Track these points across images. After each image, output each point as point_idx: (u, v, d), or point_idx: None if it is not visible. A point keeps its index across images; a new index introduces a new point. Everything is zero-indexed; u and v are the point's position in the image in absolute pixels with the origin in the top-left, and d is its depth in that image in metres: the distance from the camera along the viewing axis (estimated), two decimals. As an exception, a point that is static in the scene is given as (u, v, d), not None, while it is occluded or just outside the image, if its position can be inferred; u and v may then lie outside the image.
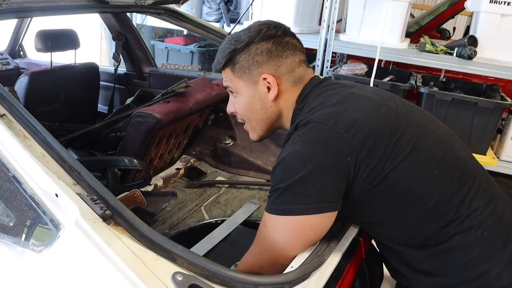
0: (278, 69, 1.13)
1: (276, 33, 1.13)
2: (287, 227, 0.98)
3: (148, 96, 2.40)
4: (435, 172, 1.01)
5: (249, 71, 1.13)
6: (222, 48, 1.17)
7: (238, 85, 1.16)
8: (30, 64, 3.13)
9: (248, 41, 1.12)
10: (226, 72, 1.17)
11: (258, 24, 1.15)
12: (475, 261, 1.00)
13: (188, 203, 1.91)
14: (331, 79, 1.19)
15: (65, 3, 1.72)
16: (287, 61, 1.13)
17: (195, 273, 0.86)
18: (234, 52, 1.13)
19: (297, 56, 1.15)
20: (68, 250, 0.90)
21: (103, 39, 5.16)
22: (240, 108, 1.19)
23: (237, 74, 1.14)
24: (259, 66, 1.12)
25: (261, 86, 1.13)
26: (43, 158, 0.98)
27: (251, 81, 1.14)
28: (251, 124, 1.20)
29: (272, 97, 1.13)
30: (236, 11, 4.11)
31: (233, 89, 1.18)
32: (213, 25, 2.37)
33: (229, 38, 1.17)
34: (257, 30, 1.13)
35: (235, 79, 1.15)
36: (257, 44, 1.12)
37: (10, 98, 1.07)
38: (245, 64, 1.12)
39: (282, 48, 1.13)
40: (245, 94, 1.16)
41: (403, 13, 3.13)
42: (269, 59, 1.12)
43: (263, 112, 1.16)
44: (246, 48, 1.12)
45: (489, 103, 2.84)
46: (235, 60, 1.13)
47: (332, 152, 0.96)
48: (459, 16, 6.11)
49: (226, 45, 1.16)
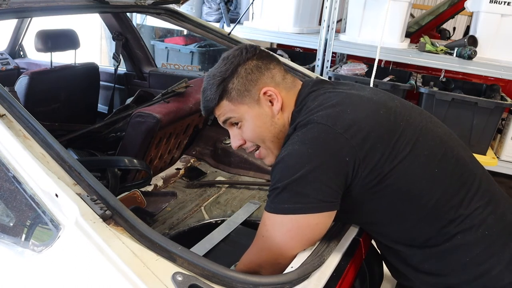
0: (273, 80, 1.13)
1: (254, 51, 1.14)
2: (285, 226, 0.98)
3: (148, 96, 2.40)
4: (435, 172, 1.01)
5: (248, 92, 1.11)
6: (207, 87, 1.15)
7: (241, 111, 1.13)
8: (30, 64, 3.13)
9: (233, 67, 1.12)
10: (222, 106, 1.14)
11: (232, 51, 1.15)
12: (476, 260, 1.00)
13: (188, 203, 1.91)
14: (327, 81, 1.20)
15: (65, 3, 1.72)
16: (276, 71, 1.15)
17: (195, 273, 0.86)
18: (224, 82, 1.12)
19: (281, 65, 1.18)
20: (68, 250, 0.90)
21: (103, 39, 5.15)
22: (249, 133, 1.15)
23: (237, 101, 1.12)
24: (255, 83, 1.12)
25: (263, 102, 1.12)
26: (43, 158, 0.98)
27: (252, 101, 1.12)
28: (266, 145, 1.16)
29: (278, 108, 1.12)
30: (236, 11, 4.10)
31: (237, 118, 1.14)
32: (213, 25, 2.37)
33: (209, 75, 1.15)
34: (235, 55, 1.13)
35: (236, 107, 1.13)
36: (243, 65, 1.12)
37: (10, 98, 1.07)
38: (241, 87, 1.11)
39: (267, 61, 1.15)
40: (251, 116, 1.13)
41: (403, 13, 3.14)
42: (261, 74, 1.12)
43: (273, 128, 1.14)
44: (235, 73, 1.11)
45: (489, 103, 2.84)
46: (228, 89, 1.12)
47: (331, 152, 0.96)
48: (459, 16, 6.11)
49: (211, 81, 1.14)
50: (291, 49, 4.19)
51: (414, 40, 3.72)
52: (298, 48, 4.19)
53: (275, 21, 3.58)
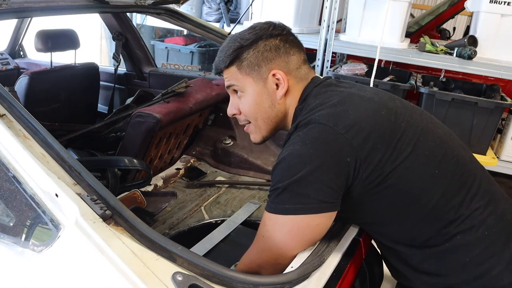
0: (287, 65, 1.13)
1: (282, 31, 1.14)
2: (286, 227, 0.98)
3: (148, 96, 2.40)
4: (435, 172, 1.01)
5: (258, 67, 1.12)
6: (224, 47, 1.16)
7: (246, 82, 1.13)
8: (30, 64, 3.13)
9: (255, 38, 1.12)
10: (230, 70, 1.15)
11: (262, 23, 1.15)
12: (476, 261, 1.00)
13: (188, 203, 1.91)
14: (331, 79, 1.19)
15: (65, 3, 1.72)
16: (294, 58, 1.14)
17: (195, 273, 0.86)
18: (240, 49, 1.12)
19: (302, 55, 1.17)
20: (68, 250, 0.90)
21: (103, 39, 5.16)
22: (246, 107, 1.16)
23: (245, 71, 1.12)
24: (268, 62, 1.11)
25: (270, 83, 1.12)
26: (43, 158, 0.98)
27: (260, 78, 1.12)
28: (257, 123, 1.18)
29: (282, 94, 1.12)
30: (236, 11, 4.11)
31: (239, 88, 1.15)
32: (213, 25, 2.37)
33: (232, 37, 1.16)
34: (263, 28, 1.13)
35: (242, 77, 1.13)
36: (265, 40, 1.12)
37: (10, 98, 1.07)
38: (254, 60, 1.11)
39: (289, 45, 1.14)
40: (253, 91, 1.13)
41: (403, 13, 3.13)
42: (278, 55, 1.12)
43: (271, 110, 1.14)
44: (254, 45, 1.12)
45: (489, 103, 2.84)
46: (242, 57, 1.12)
47: (332, 153, 0.96)
48: (459, 16, 6.11)
49: (230, 43, 1.14)
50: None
51: (414, 40, 3.72)
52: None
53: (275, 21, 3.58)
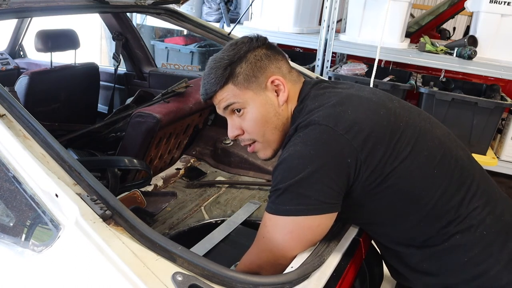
0: (280, 71, 1.13)
1: (264, 42, 1.15)
2: (286, 227, 0.98)
3: (148, 96, 2.40)
4: (434, 172, 1.01)
5: (255, 78, 1.10)
6: (210, 71, 1.11)
7: (246, 96, 1.10)
8: (30, 64, 3.13)
9: (241, 52, 1.10)
10: (226, 90, 1.10)
11: (241, 38, 1.15)
12: (475, 260, 1.00)
13: (188, 203, 1.91)
14: (326, 80, 1.20)
15: (65, 3, 1.72)
16: (283, 63, 1.15)
17: (195, 273, 0.86)
18: (231, 65, 1.09)
19: (286, 60, 1.18)
20: (68, 250, 0.90)
21: (103, 39, 5.15)
22: (251, 122, 1.11)
23: (243, 85, 1.09)
24: (264, 70, 1.11)
25: (270, 91, 1.11)
26: (43, 158, 0.98)
27: (259, 88, 1.10)
28: (265, 137, 1.13)
29: (284, 99, 1.11)
30: (236, 11, 4.10)
31: (240, 104, 1.10)
32: (213, 25, 2.37)
33: (214, 60, 1.12)
34: (244, 42, 1.13)
35: (241, 92, 1.10)
36: (253, 52, 1.11)
37: (10, 98, 1.07)
38: (249, 72, 1.09)
39: (275, 52, 1.15)
40: (256, 104, 1.10)
41: (403, 13, 3.14)
42: (270, 63, 1.12)
43: (277, 119, 1.12)
44: (244, 58, 1.10)
45: (489, 103, 2.84)
46: (235, 72, 1.09)
47: (333, 154, 0.96)
48: (459, 16, 6.11)
49: (216, 64, 1.11)
50: (291, 49, 4.19)
51: (414, 40, 3.73)
52: (298, 48, 4.19)
53: (275, 21, 3.58)
